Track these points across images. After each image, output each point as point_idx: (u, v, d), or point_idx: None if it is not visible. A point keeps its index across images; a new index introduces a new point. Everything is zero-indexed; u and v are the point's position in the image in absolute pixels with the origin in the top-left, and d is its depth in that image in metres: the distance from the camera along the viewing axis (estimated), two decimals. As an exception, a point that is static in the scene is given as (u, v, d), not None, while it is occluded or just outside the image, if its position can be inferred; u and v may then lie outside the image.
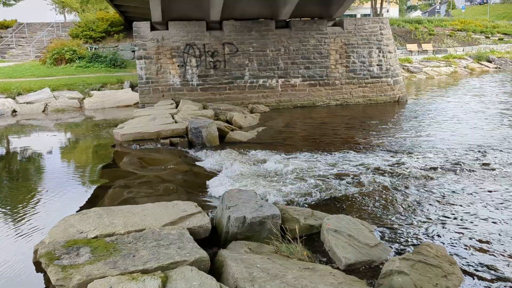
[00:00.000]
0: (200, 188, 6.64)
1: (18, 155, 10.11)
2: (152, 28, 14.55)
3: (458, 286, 3.59)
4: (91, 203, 6.15)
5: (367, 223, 4.89)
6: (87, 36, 25.20)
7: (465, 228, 4.93)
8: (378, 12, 38.52)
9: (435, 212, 5.41)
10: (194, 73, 14.73)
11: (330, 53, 15.52)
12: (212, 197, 6.19)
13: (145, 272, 3.31)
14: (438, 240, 4.64)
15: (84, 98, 17.35)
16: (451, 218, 5.22)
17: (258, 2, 14.72)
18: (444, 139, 9.48)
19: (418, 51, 31.57)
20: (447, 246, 4.45)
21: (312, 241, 4.46)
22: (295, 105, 15.34)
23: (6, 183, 7.65)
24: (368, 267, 3.96)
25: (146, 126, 10.01)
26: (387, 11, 53.40)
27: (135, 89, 18.00)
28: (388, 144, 9.22)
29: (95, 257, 3.49)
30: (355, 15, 47.89)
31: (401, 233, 4.82)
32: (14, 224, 5.51)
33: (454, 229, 4.90)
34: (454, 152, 8.24)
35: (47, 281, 3.71)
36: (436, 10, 75.17)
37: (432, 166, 7.33)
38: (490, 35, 36.67)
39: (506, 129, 10.36)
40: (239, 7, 14.69)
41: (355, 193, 6.13)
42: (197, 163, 8.11)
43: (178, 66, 14.60)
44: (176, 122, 10.42)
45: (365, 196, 6.02)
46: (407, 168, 7.29)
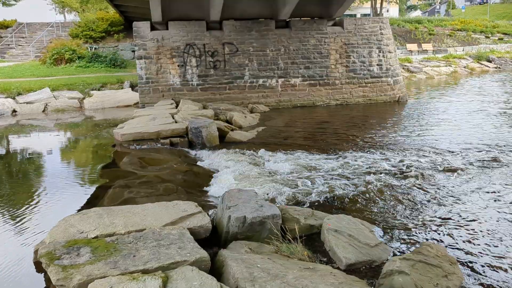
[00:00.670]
0: (200, 188, 6.63)
1: (18, 155, 10.11)
2: (152, 28, 14.55)
3: (458, 286, 3.59)
4: (91, 203, 6.14)
5: (367, 223, 4.89)
6: (87, 36, 25.20)
7: (465, 228, 4.92)
8: (378, 12, 38.52)
9: (436, 212, 5.41)
10: (194, 73, 14.73)
11: (330, 53, 15.51)
12: (212, 197, 6.19)
13: (145, 272, 3.31)
14: (438, 240, 4.64)
15: (84, 98, 17.34)
16: (452, 218, 5.22)
17: (258, 2, 14.72)
18: (444, 138, 9.48)
19: (418, 51, 31.57)
20: (447, 246, 4.45)
21: (313, 241, 4.46)
22: (295, 105, 15.33)
23: (6, 183, 7.64)
24: (368, 267, 3.96)
25: (146, 126, 10.01)
26: (387, 11, 53.42)
27: (135, 89, 18.00)
28: (388, 144, 9.22)
29: (95, 257, 3.49)
30: (355, 15, 47.89)
31: (401, 233, 4.82)
32: (14, 224, 5.50)
33: (454, 229, 4.90)
34: (454, 152, 8.23)
35: (47, 281, 3.71)
36: (436, 10, 75.20)
37: (432, 166, 7.34)
38: (490, 35, 36.69)
39: (508, 128, 10.36)
40: (239, 7, 14.69)
41: (355, 192, 6.13)
42: (197, 163, 8.11)
43: (178, 66, 14.60)
44: (176, 122, 10.42)
45: (365, 196, 6.02)
46: (407, 167, 7.29)
